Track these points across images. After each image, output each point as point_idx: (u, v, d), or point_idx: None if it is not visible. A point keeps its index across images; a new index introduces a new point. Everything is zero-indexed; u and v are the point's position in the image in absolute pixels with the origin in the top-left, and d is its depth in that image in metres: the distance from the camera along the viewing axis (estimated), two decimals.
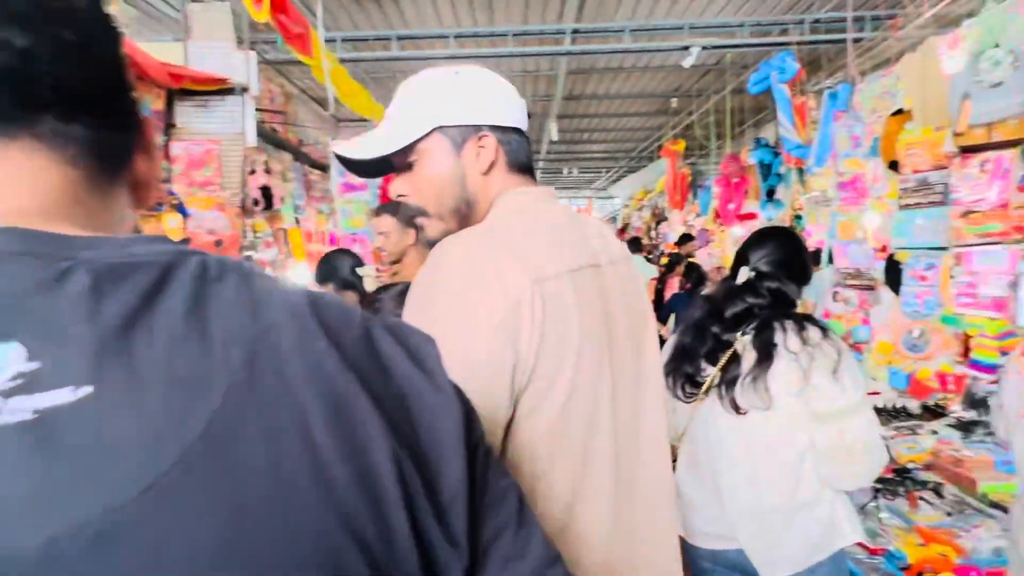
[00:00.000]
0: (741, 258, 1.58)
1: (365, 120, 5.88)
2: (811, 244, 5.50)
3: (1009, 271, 2.52)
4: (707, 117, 8.81)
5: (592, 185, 17.62)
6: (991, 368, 2.55)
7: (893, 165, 3.19)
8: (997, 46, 2.49)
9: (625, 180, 13.28)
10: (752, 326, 1.45)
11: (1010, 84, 2.45)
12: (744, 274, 1.53)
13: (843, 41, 5.08)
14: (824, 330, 1.40)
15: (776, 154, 6.37)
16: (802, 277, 1.56)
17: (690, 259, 6.37)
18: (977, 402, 2.56)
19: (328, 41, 5.17)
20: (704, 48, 5.21)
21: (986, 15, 2.53)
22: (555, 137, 8.50)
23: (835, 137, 4.04)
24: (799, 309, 1.55)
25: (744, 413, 1.40)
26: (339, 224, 4.83)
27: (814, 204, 5.91)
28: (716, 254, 7.15)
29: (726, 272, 5.09)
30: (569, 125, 10.22)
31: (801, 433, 1.36)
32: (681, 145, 8.85)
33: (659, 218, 9.81)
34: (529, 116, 0.99)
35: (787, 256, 1.53)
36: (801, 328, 1.39)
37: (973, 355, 2.59)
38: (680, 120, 9.10)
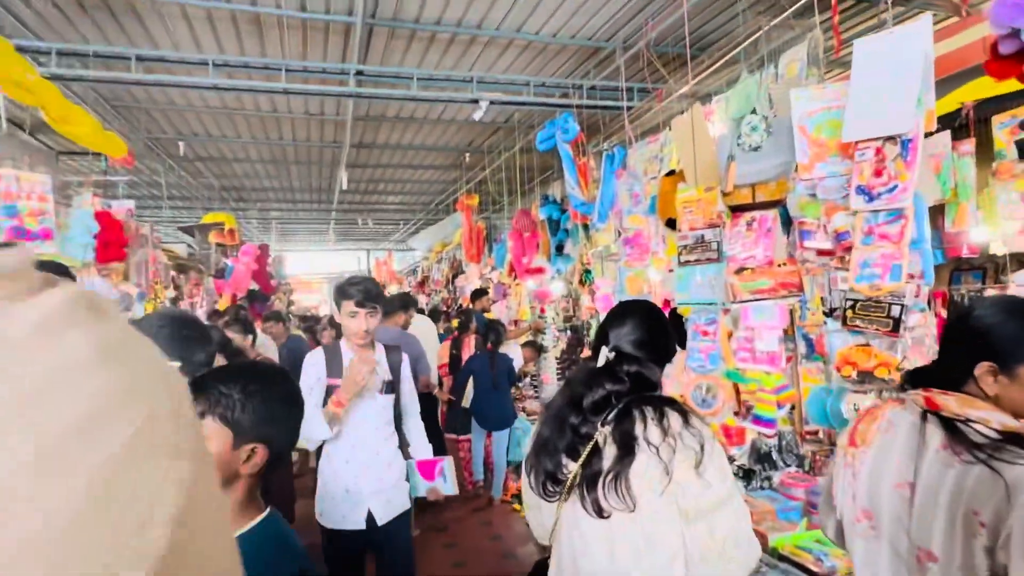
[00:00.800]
0: (601, 336, 1.46)
1: (97, 155, 4.78)
2: (599, 298, 5.69)
3: (779, 325, 2.61)
4: (499, 173, 9.03)
5: (391, 237, 17.20)
6: (770, 422, 2.58)
7: (671, 223, 3.28)
8: (754, 112, 2.63)
9: (423, 232, 13.10)
10: (612, 415, 1.32)
11: (767, 148, 2.60)
12: (604, 356, 1.40)
13: (618, 108, 5.43)
14: (685, 416, 1.29)
15: (563, 210, 6.59)
16: (665, 355, 1.45)
17: (486, 314, 6.18)
18: (762, 456, 2.57)
19: (37, 52, 4.11)
20: (492, 103, 5.19)
21: (742, 84, 2.69)
22: (345, 186, 7.97)
23: (617, 194, 4.16)
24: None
25: (607, 516, 1.24)
26: None
27: (600, 259, 6.20)
28: (513, 307, 7.13)
29: (524, 325, 4.84)
30: (362, 175, 9.75)
31: (671, 534, 1.20)
32: (475, 200, 8.89)
33: (456, 271, 9.69)
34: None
35: (649, 333, 1.42)
36: (661, 416, 1.27)
37: (755, 410, 2.61)
38: (474, 175, 9.19)
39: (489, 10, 4.55)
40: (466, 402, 4.24)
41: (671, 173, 3.60)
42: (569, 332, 7.20)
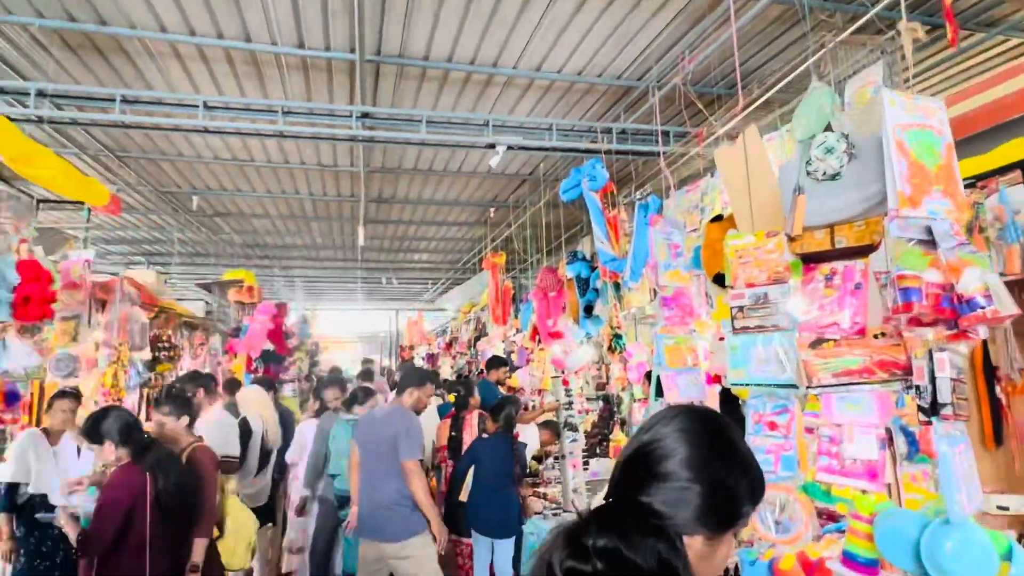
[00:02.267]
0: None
1: (76, 203, 4.42)
2: (632, 367, 4.92)
3: (878, 422, 1.85)
4: (525, 230, 8.52)
5: (421, 296, 16.80)
6: (870, 568, 1.78)
7: (719, 279, 2.59)
8: (829, 129, 1.97)
9: (453, 291, 12.63)
10: None
11: (849, 176, 1.91)
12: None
13: (652, 153, 4.85)
14: None
15: (593, 268, 5.96)
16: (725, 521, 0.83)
17: (501, 387, 5.42)
18: None
19: (19, 94, 3.80)
20: (510, 148, 4.67)
21: (813, 95, 2.04)
22: (363, 242, 7.54)
23: (653, 246, 3.49)
24: None
25: None
26: None
27: (633, 321, 5.46)
28: (536, 375, 6.39)
29: (548, 401, 4.06)
30: (384, 232, 9.38)
31: None
32: (502, 257, 8.36)
33: (480, 333, 9.07)
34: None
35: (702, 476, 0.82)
36: None
37: (846, 545, 1.82)
38: (500, 232, 8.69)
39: (504, 46, 4.10)
40: (464, 495, 3.48)
41: (718, 219, 2.94)
42: (601, 403, 6.39)
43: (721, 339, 2.57)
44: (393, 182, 6.96)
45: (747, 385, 2.16)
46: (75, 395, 3.16)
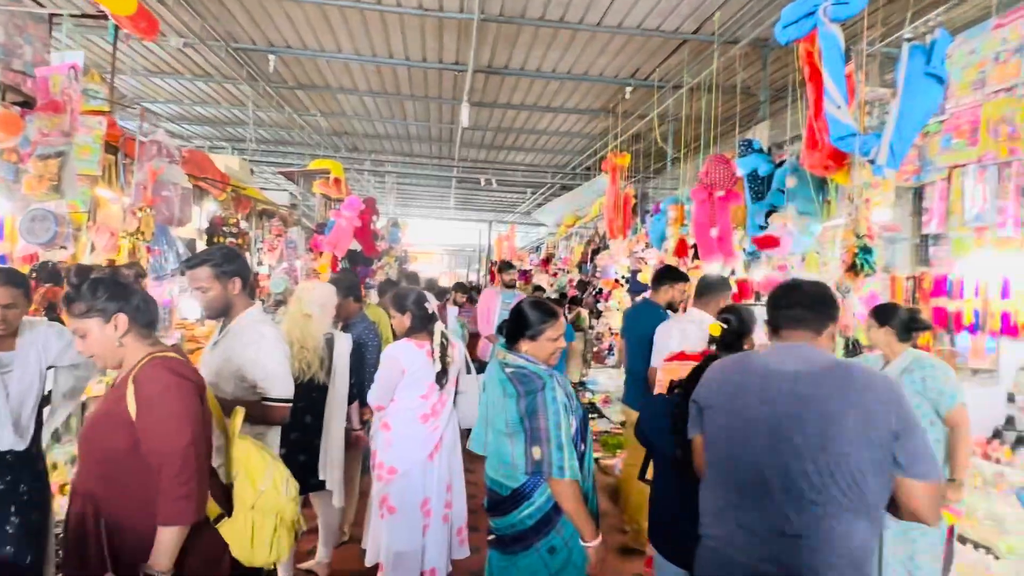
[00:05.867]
0: None
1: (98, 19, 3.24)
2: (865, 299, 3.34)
3: None
4: (666, 121, 6.80)
5: (516, 208, 15.43)
6: None
7: None
8: None
9: (553, 202, 11.14)
10: None
11: None
12: None
13: None
14: None
15: (773, 162, 4.31)
16: None
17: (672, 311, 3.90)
18: None
19: None
20: None
21: None
22: (467, 122, 6.14)
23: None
24: None
25: None
26: None
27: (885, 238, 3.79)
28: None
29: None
30: (489, 120, 7.93)
31: None
32: (627, 159, 6.75)
33: (598, 247, 7.64)
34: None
35: None
36: None
37: None
38: (630, 124, 7.01)
39: None
40: None
41: None
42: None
43: None
44: (511, 42, 5.41)
45: None
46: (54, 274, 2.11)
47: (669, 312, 3.55)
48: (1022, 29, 2.96)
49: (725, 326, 1.97)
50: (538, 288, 9.03)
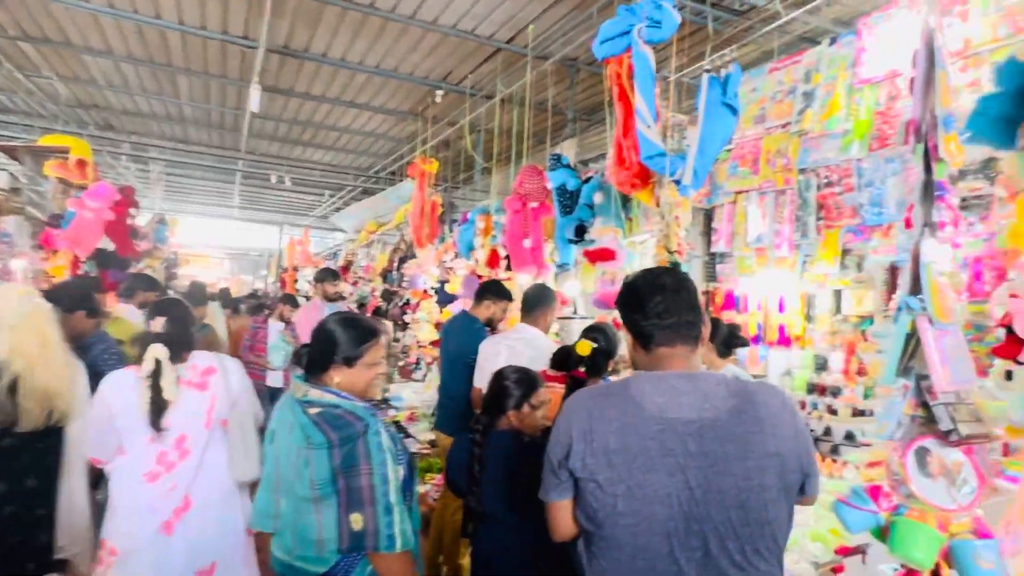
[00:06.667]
0: None
1: None
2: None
3: None
4: (476, 131, 6.72)
5: (312, 212, 14.31)
6: None
7: None
8: None
9: (353, 207, 10.45)
10: None
11: None
12: None
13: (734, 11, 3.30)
14: None
15: (580, 178, 4.40)
16: None
17: (490, 327, 3.62)
18: None
19: None
20: None
21: None
22: (255, 107, 5.35)
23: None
24: None
25: None
26: None
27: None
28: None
29: None
30: (283, 110, 7.10)
31: None
32: (434, 165, 6.53)
33: (405, 255, 7.24)
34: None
35: None
36: None
37: None
38: (440, 130, 6.80)
39: None
40: None
41: None
42: None
43: None
44: (312, 20, 4.82)
45: None
46: None
47: (487, 329, 3.31)
48: (795, 74, 3.35)
49: (596, 345, 1.76)
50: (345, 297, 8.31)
